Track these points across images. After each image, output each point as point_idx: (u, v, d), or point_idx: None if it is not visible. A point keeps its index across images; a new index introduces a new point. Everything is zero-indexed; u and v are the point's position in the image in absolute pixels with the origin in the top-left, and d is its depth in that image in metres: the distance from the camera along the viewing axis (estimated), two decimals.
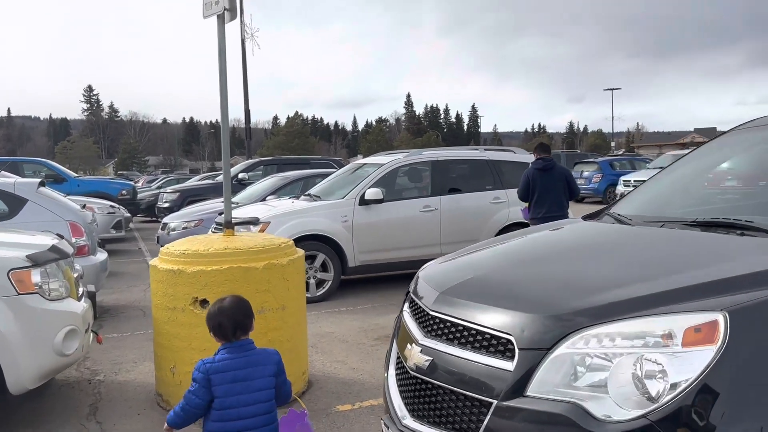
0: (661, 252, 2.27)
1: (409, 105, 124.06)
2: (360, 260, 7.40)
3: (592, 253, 2.40)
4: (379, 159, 8.25)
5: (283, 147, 75.51)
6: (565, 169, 7.35)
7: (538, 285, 2.12)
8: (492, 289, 2.14)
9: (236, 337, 2.58)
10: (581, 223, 2.96)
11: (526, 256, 2.57)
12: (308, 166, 14.36)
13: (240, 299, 2.71)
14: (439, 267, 2.73)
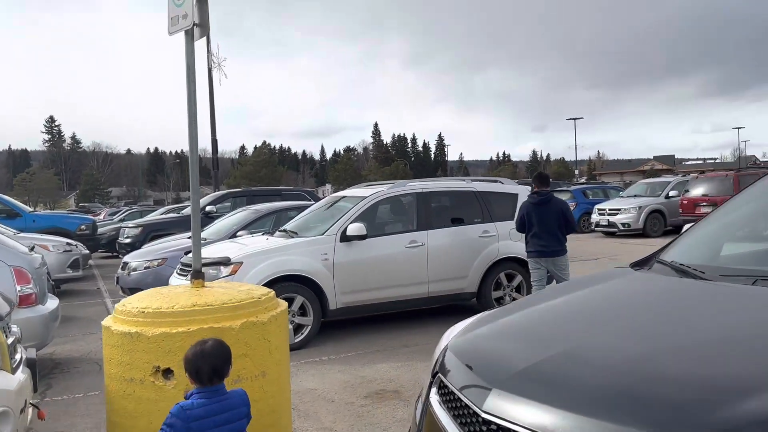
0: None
1: (377, 134, 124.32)
2: (342, 302, 6.77)
3: (686, 325, 1.81)
4: (360, 191, 7.68)
5: (250, 177, 74.37)
6: (562, 203, 7.05)
7: (663, 383, 1.45)
8: (586, 382, 1.49)
9: (212, 383, 2.56)
10: (638, 275, 2.41)
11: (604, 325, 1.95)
12: (280, 198, 13.71)
13: (222, 343, 2.66)
14: (479, 335, 2.12)
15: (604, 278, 2.50)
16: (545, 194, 6.92)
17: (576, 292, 2.38)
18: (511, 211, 7.79)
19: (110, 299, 10.86)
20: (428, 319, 7.72)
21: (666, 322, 1.83)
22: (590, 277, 2.65)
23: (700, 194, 16.45)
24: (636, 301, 2.16)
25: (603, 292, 2.30)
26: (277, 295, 6.44)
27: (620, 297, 2.24)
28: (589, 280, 2.59)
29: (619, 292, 2.30)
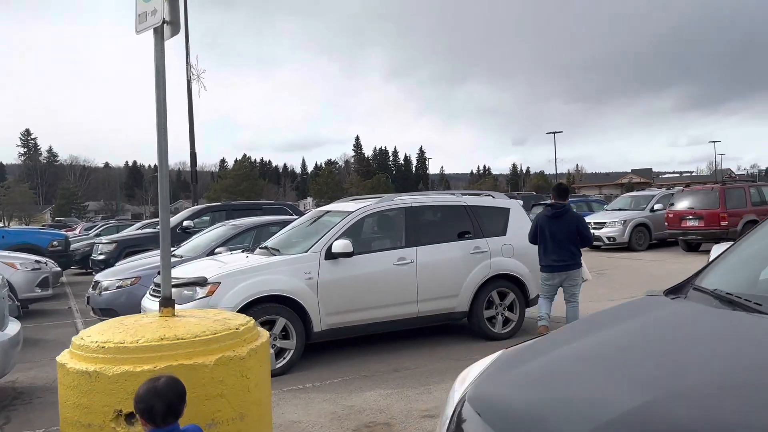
0: None
1: (358, 147, 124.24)
2: (327, 323, 6.37)
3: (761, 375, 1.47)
4: (346, 205, 7.31)
5: (230, 190, 73.62)
6: (577, 216, 6.96)
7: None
8: None
9: (166, 423, 2.40)
10: (679, 307, 2.08)
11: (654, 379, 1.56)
12: (261, 212, 13.28)
13: (176, 380, 2.49)
14: (503, 385, 1.73)
15: (639, 311, 2.16)
16: (560, 207, 6.83)
17: (609, 329, 2.02)
18: (502, 226, 7.48)
19: (81, 320, 10.33)
20: (418, 340, 7.35)
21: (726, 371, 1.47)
22: (623, 310, 2.30)
23: (686, 207, 16.34)
24: (684, 340, 1.80)
25: (643, 329, 1.95)
26: (258, 317, 6.08)
27: (665, 336, 1.88)
28: (623, 313, 2.24)
29: (663, 329, 1.95)
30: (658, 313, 2.07)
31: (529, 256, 7.47)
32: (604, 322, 2.15)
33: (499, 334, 7.24)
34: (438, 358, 6.55)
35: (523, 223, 7.61)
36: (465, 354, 6.65)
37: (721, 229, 15.44)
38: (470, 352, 6.74)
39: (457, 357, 6.54)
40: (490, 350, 6.71)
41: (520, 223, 7.58)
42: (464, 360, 6.40)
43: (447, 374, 5.92)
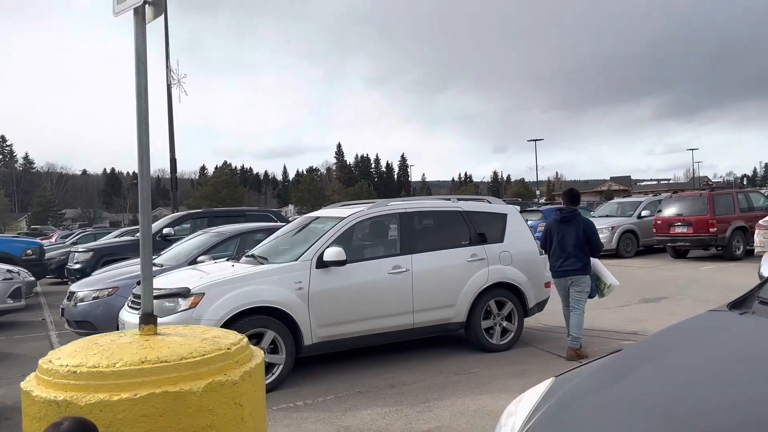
0: None
1: (340, 155, 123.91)
2: (318, 336, 6.01)
3: None
4: (337, 211, 6.96)
5: (211, 197, 72.77)
6: (586, 221, 6.81)
7: None
8: None
9: None
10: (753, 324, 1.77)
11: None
12: (244, 219, 12.86)
13: (83, 422, 2.11)
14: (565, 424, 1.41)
15: (709, 330, 1.85)
16: (570, 212, 6.76)
17: (681, 353, 1.71)
18: (500, 233, 7.18)
19: (56, 332, 9.84)
20: (413, 352, 7.01)
21: None
22: (690, 330, 2.00)
23: (674, 214, 16.22)
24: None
25: (719, 353, 1.64)
26: (245, 330, 5.69)
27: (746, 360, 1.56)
28: (691, 334, 1.94)
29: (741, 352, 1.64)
30: (730, 333, 1.77)
31: (527, 264, 7.19)
32: (672, 346, 1.83)
33: (497, 345, 6.93)
34: (436, 371, 6.22)
35: (521, 230, 7.33)
36: (463, 367, 6.33)
37: (710, 235, 15.34)
38: (468, 364, 6.42)
39: (455, 370, 6.22)
40: (489, 362, 6.39)
41: (518, 229, 7.30)
42: (463, 374, 6.08)
43: (446, 390, 5.59)
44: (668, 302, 9.95)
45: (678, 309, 9.25)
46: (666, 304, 9.81)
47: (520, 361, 6.52)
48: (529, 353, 6.85)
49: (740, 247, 15.54)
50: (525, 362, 6.46)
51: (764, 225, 13.66)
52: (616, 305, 9.97)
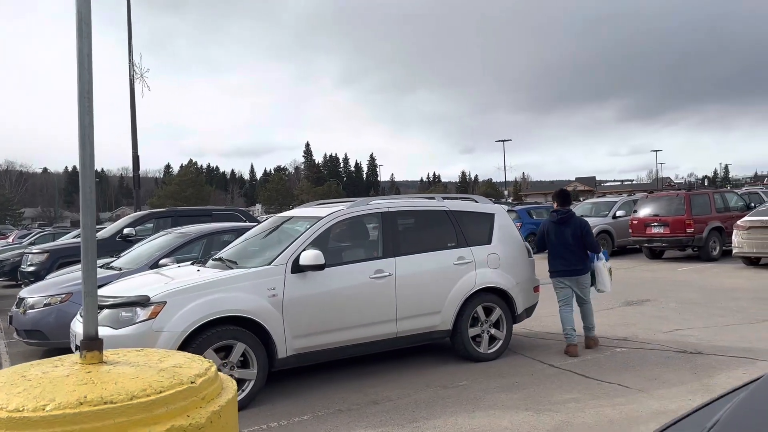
0: None
1: (309, 154, 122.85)
2: (294, 348, 5.46)
3: None
4: (313, 210, 6.41)
5: (175, 197, 71.35)
6: (582, 221, 6.97)
7: None
8: None
9: None
10: None
11: None
12: (210, 219, 12.19)
13: None
14: None
15: None
16: (566, 212, 6.88)
17: None
18: (487, 234, 6.73)
19: (5, 341, 9.08)
20: (395, 363, 6.51)
21: None
22: None
23: (651, 214, 16.06)
24: None
25: None
26: (212, 342, 5.11)
27: None
28: None
29: None
30: None
31: (516, 267, 6.77)
32: None
33: (485, 354, 6.47)
34: (422, 385, 5.72)
35: (510, 230, 6.90)
36: (450, 379, 5.85)
37: (687, 236, 15.21)
38: (456, 377, 5.95)
39: (443, 383, 5.73)
40: (477, 374, 5.90)
41: (506, 230, 6.86)
42: (451, 387, 5.60)
43: (436, 406, 5.10)
44: (653, 305, 9.66)
45: (664, 312, 8.96)
46: (650, 307, 9.51)
47: (511, 372, 6.07)
48: (518, 363, 6.42)
49: (716, 247, 15.44)
50: (516, 373, 6.01)
51: (743, 225, 13.55)
52: (601, 308, 9.63)
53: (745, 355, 6.29)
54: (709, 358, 6.25)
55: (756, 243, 13.25)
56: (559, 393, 5.34)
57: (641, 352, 6.63)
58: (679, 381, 5.52)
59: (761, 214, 13.72)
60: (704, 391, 5.19)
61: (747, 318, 8.25)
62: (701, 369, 5.87)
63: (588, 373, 5.92)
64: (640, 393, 5.24)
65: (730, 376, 5.60)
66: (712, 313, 8.76)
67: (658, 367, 5.99)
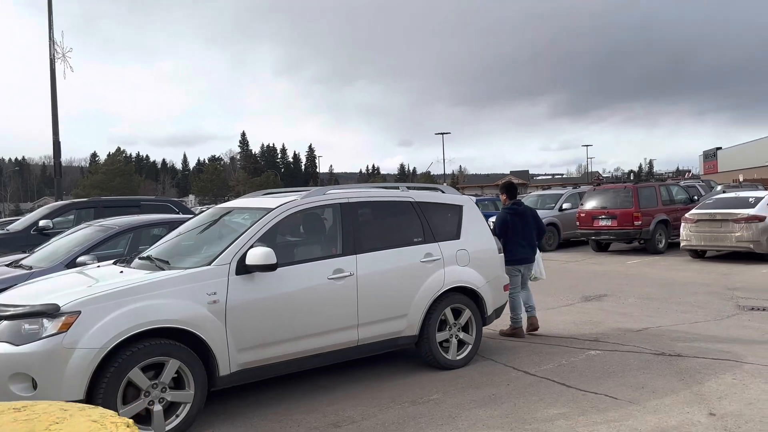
0: None
1: (245, 144, 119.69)
2: (239, 363, 4.62)
3: None
4: (261, 201, 5.54)
5: (102, 186, 67.93)
6: (533, 210, 7.45)
7: None
8: None
9: None
10: None
11: None
12: (139, 210, 11.05)
13: None
14: None
15: None
16: (521, 203, 7.33)
17: None
18: (456, 228, 6.06)
19: None
20: (354, 374, 5.76)
21: None
22: None
23: (598, 207, 15.90)
24: None
25: None
26: (139, 360, 4.13)
27: None
28: None
29: None
30: None
31: (485, 264, 6.14)
32: None
33: (454, 361, 5.82)
34: (387, 401, 5.00)
35: (479, 224, 6.25)
36: (419, 393, 5.16)
37: (634, 228, 15.11)
38: (425, 389, 5.26)
39: (411, 398, 5.03)
40: (448, 384, 5.18)
41: (475, 223, 6.22)
42: (421, 403, 4.90)
43: (407, 428, 4.39)
44: (612, 301, 9.30)
45: (626, 309, 8.60)
46: (611, 303, 9.14)
47: (485, 381, 5.44)
48: (490, 370, 5.79)
49: (663, 240, 15.44)
50: (491, 383, 5.38)
51: (691, 218, 13.51)
52: (560, 305, 9.20)
53: (727, 357, 5.89)
54: (690, 360, 5.82)
55: (704, 236, 13.23)
56: (543, 407, 4.73)
57: (618, 355, 6.14)
58: (669, 389, 5.02)
59: (709, 207, 13.72)
60: (700, 402, 4.70)
61: (711, 314, 7.96)
62: (687, 374, 5.41)
63: (568, 381, 5.36)
64: (631, 405, 4.70)
65: (720, 382, 5.15)
66: (674, 309, 8.45)
67: (641, 373, 5.49)
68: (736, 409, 4.50)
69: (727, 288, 9.88)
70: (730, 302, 8.75)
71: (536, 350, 6.48)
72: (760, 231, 12.41)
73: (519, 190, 8.34)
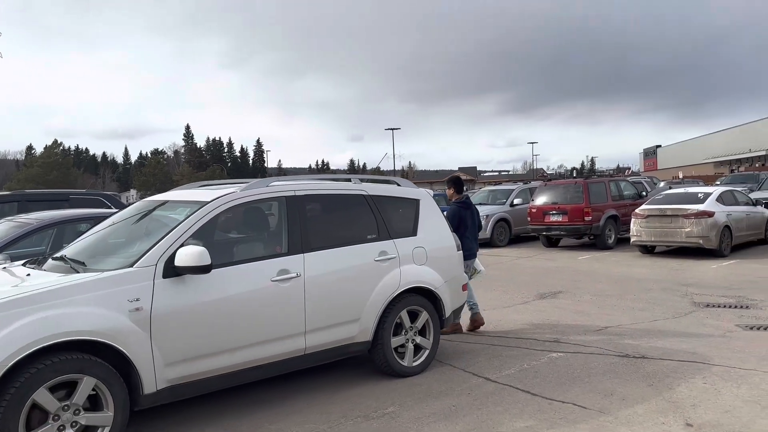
0: None
1: (189, 137, 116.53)
2: (168, 378, 4.03)
3: None
4: (195, 194, 4.92)
5: (38, 180, 64.81)
6: (474, 206, 7.46)
7: None
8: None
9: None
10: None
11: None
12: (67, 204, 10.18)
13: None
14: None
15: None
16: (467, 198, 7.36)
17: None
18: (412, 224, 5.61)
19: None
20: (299, 383, 5.24)
21: None
22: None
23: (550, 202, 15.79)
24: None
25: None
26: (48, 378, 3.22)
27: None
28: None
29: None
30: None
31: (444, 262, 5.71)
32: None
33: (411, 368, 5.37)
34: (338, 415, 4.50)
35: (436, 219, 5.82)
36: (374, 406, 4.68)
37: (585, 224, 15.05)
38: (379, 401, 4.78)
39: (364, 412, 4.55)
40: (404, 394, 4.70)
41: (433, 218, 5.78)
42: (376, 417, 4.43)
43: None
44: (568, 298, 9.07)
45: (582, 306, 8.37)
46: (566, 300, 8.91)
47: (444, 390, 5.00)
48: (449, 377, 5.37)
49: (612, 236, 15.44)
50: (450, 392, 4.95)
51: (641, 214, 13.49)
52: (516, 302, 8.91)
53: (693, 359, 5.64)
54: (656, 363, 5.54)
55: (654, 231, 13.23)
56: (508, 420, 4.33)
57: (581, 357, 5.82)
58: (640, 396, 4.70)
59: (659, 203, 13.75)
60: (674, 410, 4.39)
61: (669, 312, 7.79)
62: (655, 379, 5.12)
63: (532, 388, 4.98)
64: (602, 416, 4.35)
65: (691, 387, 4.87)
66: (630, 306, 8.26)
67: (607, 378, 5.17)
68: (713, 419, 4.20)
69: (680, 284, 9.80)
70: (685, 299, 8.63)
71: (496, 353, 6.11)
72: (709, 227, 12.47)
73: (467, 187, 8.33)
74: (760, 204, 14.98)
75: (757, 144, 54.35)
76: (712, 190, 13.64)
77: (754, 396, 4.59)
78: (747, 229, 13.57)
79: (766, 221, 14.45)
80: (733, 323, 7.04)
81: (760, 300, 8.31)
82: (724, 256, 12.59)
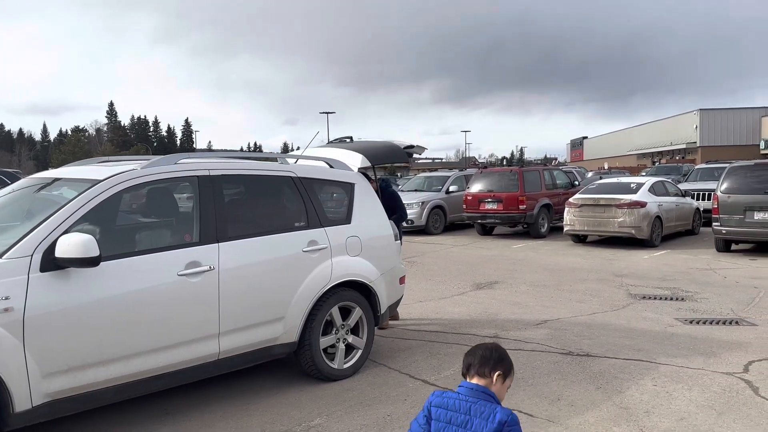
0: None
1: (113, 115, 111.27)
2: (47, 392, 3.32)
3: None
4: (88, 170, 4.16)
5: None
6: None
7: None
8: None
9: None
10: None
11: None
12: None
13: None
14: None
15: None
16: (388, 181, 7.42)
17: None
18: (345, 210, 5.04)
19: None
20: (211, 389, 4.60)
21: None
22: None
23: (485, 190, 15.57)
24: None
25: None
26: None
27: None
28: None
29: None
30: None
31: (380, 253, 5.19)
32: None
33: (341, 371, 4.82)
34: (254, 429, 3.90)
35: (372, 205, 5.28)
36: (298, 417, 4.11)
37: (519, 212, 14.92)
38: (303, 411, 4.22)
39: (287, 426, 3.98)
40: (332, 401, 3.85)
41: (369, 204, 5.23)
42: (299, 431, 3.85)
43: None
44: (505, 288, 8.78)
45: (520, 298, 8.08)
46: (503, 291, 8.61)
47: (378, 396, 4.49)
48: (383, 380, 4.86)
49: (545, 224, 15.40)
50: (385, 398, 4.45)
51: (575, 203, 13.44)
52: (453, 293, 8.54)
53: (638, 356, 5.37)
54: (602, 362, 5.23)
55: (587, 221, 13.20)
56: None
57: (523, 355, 5.45)
58: (589, 401, 4.35)
59: (592, 192, 13.73)
60: (627, 418, 4.04)
61: (607, 304, 7.59)
62: (603, 379, 4.79)
63: None
64: (552, 426, 3.95)
65: (641, 390, 4.56)
66: (568, 297, 8.04)
67: (553, 380, 4.81)
68: (668, 427, 3.87)
69: (614, 275, 9.69)
70: (621, 290, 8.49)
71: (434, 351, 5.66)
72: (642, 217, 12.52)
73: (401, 173, 7.78)
74: (689, 195, 15.27)
75: (678, 138, 56.72)
76: (645, 181, 13.73)
77: (707, 400, 4.32)
78: (677, 219, 13.75)
79: (694, 212, 14.73)
80: (672, 317, 6.88)
81: (695, 292, 8.25)
82: (655, 247, 12.69)
